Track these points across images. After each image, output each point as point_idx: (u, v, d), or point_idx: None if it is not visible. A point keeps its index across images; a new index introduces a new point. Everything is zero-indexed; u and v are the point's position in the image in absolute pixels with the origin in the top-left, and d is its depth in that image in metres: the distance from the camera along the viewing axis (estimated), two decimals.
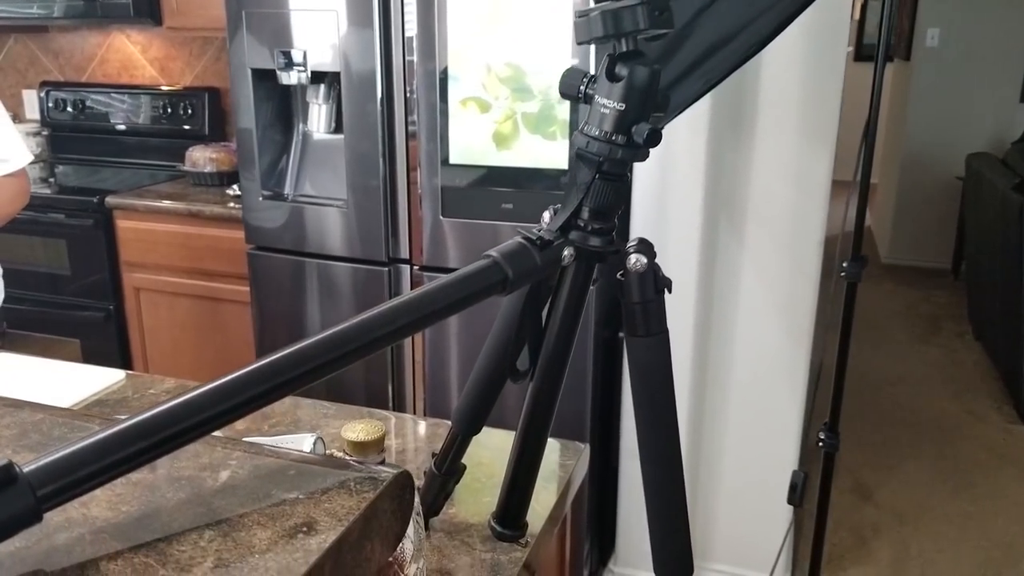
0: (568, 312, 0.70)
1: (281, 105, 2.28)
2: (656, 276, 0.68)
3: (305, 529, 0.38)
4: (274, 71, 2.11)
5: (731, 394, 2.24)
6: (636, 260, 0.68)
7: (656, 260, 0.68)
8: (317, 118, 2.20)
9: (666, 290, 0.68)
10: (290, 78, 2.09)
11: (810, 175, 2.04)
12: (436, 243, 2.10)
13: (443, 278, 0.58)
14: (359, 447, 0.68)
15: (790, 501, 1.70)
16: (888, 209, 5.51)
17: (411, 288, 2.18)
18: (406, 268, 2.16)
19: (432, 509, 0.91)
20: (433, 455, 0.88)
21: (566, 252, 0.65)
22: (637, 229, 2.11)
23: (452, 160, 2.00)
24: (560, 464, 1.07)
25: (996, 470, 2.96)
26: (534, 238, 0.63)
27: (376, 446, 0.68)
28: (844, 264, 1.62)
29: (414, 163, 2.06)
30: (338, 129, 2.18)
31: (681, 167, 2.03)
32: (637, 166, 2.09)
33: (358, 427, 0.69)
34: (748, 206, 2.11)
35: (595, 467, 2.23)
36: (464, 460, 0.97)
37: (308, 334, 2.04)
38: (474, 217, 2.03)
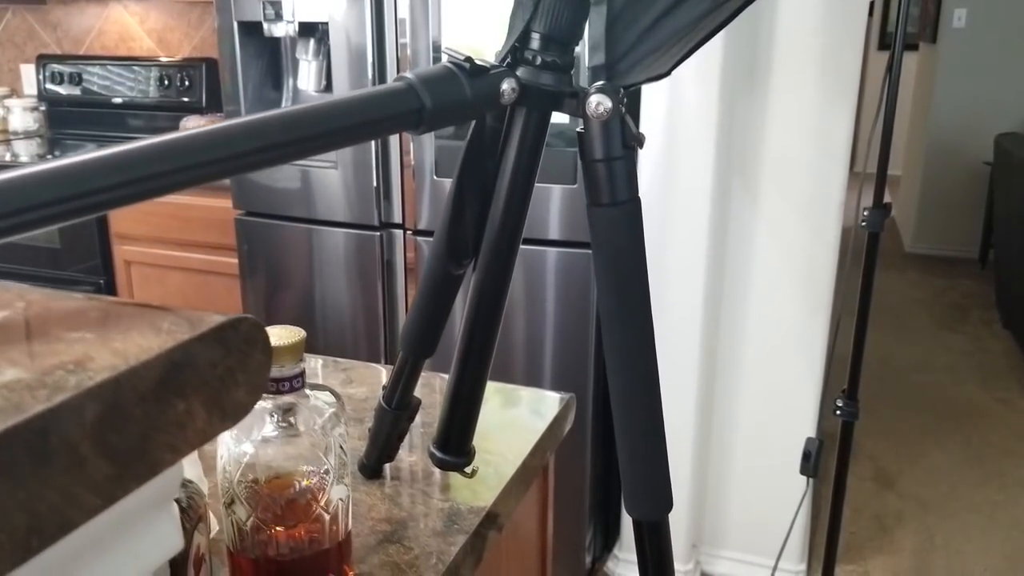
0: (517, 177, 0.57)
1: (271, 63, 2.18)
2: (624, 126, 0.55)
3: (71, 367, 0.26)
4: (261, 24, 2.00)
5: (744, 370, 2.11)
6: (598, 103, 0.54)
7: (623, 109, 0.55)
8: (307, 75, 2.09)
9: (637, 146, 0.55)
10: (277, 30, 1.98)
11: (830, 131, 1.91)
12: (431, 206, 1.98)
13: (346, 95, 0.45)
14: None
15: (803, 471, 1.56)
16: (912, 197, 5.34)
17: (405, 256, 2.07)
18: (399, 233, 2.05)
19: (384, 453, 0.79)
20: (384, 388, 0.76)
21: (505, 85, 0.53)
22: (643, 191, 1.98)
23: None
24: (539, 413, 0.95)
25: None
26: (463, 60, 0.51)
27: (292, 355, 0.56)
28: (865, 212, 1.48)
29: None
30: (329, 87, 2.07)
31: (690, 124, 1.90)
32: (641, 121, 1.96)
33: (273, 331, 0.57)
34: (763, 166, 1.98)
35: (599, 451, 2.10)
36: (425, 403, 0.86)
37: (298, 303, 1.92)
38: None
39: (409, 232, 2.03)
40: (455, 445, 0.65)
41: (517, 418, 0.94)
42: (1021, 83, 4.83)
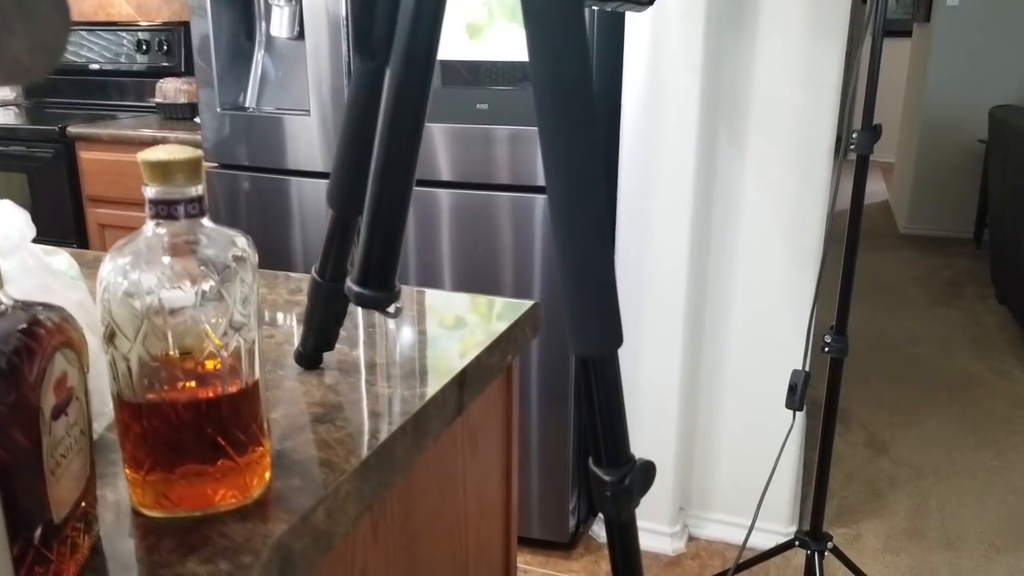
0: None
1: (243, 12, 2.11)
2: None
3: None
4: None
5: (732, 325, 2.04)
6: None
7: None
8: (279, 21, 2.01)
9: None
10: None
11: (819, 76, 1.84)
12: None
13: None
14: (159, 171, 0.49)
15: (788, 405, 1.50)
16: (907, 178, 5.28)
17: None
18: None
19: (322, 337, 0.72)
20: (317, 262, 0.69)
21: None
22: (626, 140, 1.91)
23: None
24: (502, 316, 0.88)
25: (1023, 426, 2.74)
26: None
27: (185, 173, 0.49)
28: (854, 135, 1.42)
29: None
30: (301, 34, 2.00)
31: (674, 69, 1.84)
32: (624, 62, 1.88)
33: (166, 147, 0.50)
34: (751, 112, 1.91)
35: (583, 413, 2.04)
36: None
37: (278, 255, 1.84)
38: (446, 121, 1.84)
39: None
40: (376, 277, 0.58)
41: (479, 322, 0.87)
42: (1015, 61, 4.78)
